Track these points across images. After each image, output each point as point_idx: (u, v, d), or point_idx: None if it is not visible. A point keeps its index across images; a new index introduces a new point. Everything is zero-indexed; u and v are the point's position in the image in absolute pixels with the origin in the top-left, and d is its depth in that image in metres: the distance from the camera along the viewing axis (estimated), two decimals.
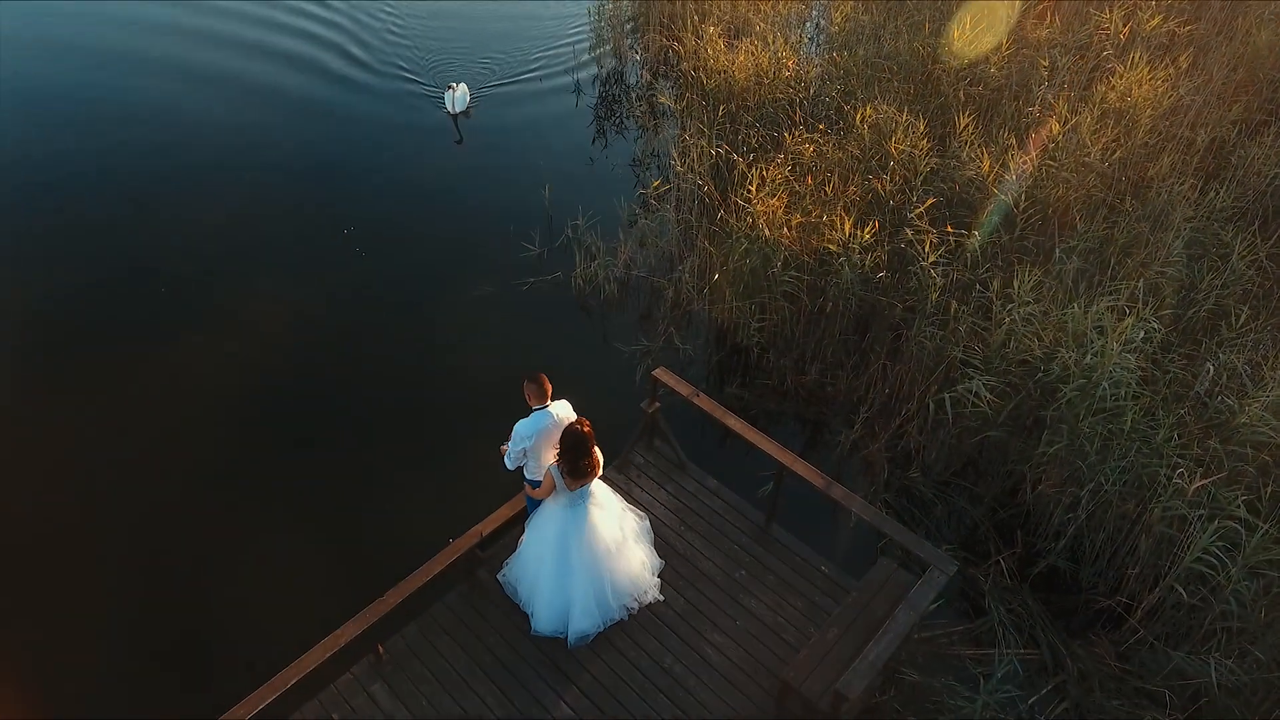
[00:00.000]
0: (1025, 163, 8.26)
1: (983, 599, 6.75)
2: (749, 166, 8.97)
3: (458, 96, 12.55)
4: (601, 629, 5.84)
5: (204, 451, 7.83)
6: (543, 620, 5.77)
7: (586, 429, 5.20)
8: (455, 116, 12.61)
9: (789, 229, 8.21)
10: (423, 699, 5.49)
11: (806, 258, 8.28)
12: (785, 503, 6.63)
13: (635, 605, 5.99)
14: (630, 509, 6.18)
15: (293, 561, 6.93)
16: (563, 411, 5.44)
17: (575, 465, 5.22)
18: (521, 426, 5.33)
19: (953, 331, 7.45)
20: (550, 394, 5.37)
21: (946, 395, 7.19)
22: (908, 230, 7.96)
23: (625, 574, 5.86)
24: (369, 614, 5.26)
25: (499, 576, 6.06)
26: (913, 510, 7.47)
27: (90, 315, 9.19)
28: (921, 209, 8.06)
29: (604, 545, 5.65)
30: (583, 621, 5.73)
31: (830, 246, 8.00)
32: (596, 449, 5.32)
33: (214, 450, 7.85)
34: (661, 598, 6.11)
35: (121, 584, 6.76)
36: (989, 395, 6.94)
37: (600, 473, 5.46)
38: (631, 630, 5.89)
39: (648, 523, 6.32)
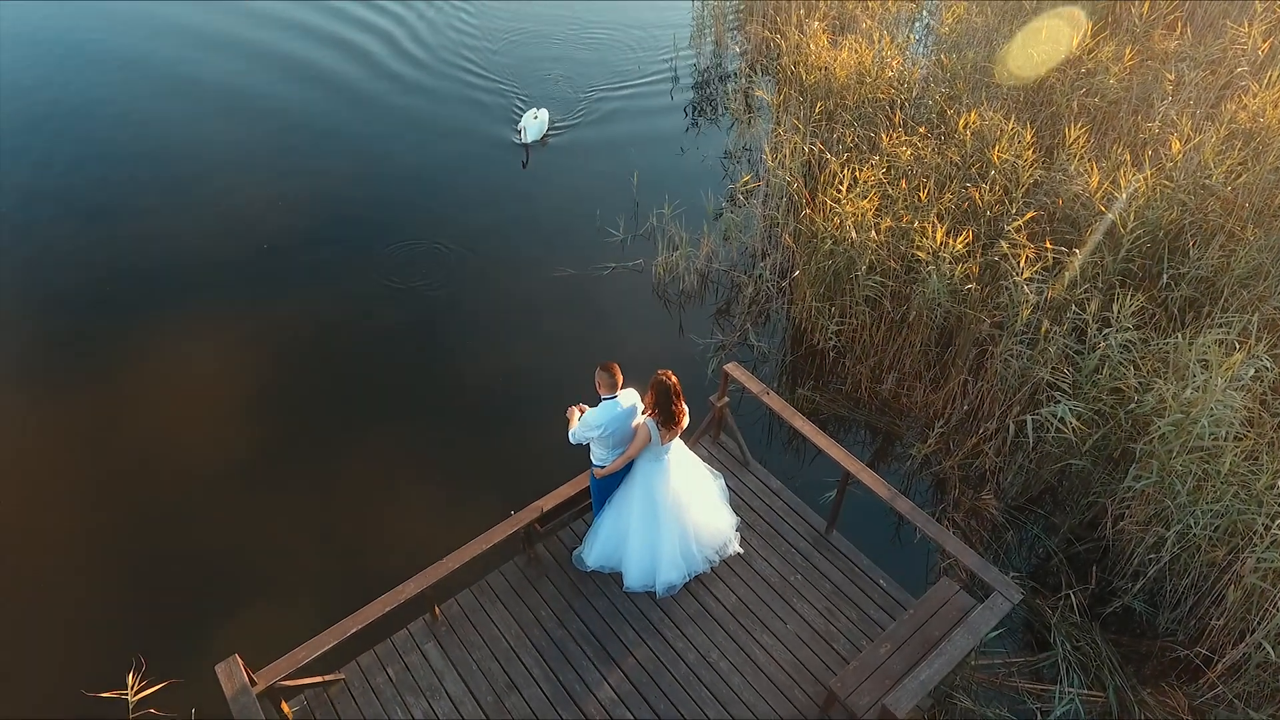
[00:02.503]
0: (1139, 181, 7.81)
1: (1048, 633, 6.47)
2: (842, 166, 8.77)
3: (533, 126, 11.67)
4: (687, 579, 6.04)
5: (285, 416, 8.20)
6: (633, 575, 5.95)
7: (673, 379, 5.32)
8: (527, 146, 11.79)
9: (877, 232, 8.01)
10: (472, 662, 5.64)
11: (893, 263, 8.06)
12: (848, 511, 6.50)
13: (717, 558, 6.16)
14: (706, 466, 6.26)
15: (363, 522, 7.22)
16: (631, 401, 5.47)
17: (668, 413, 5.33)
18: (591, 416, 5.38)
19: (1042, 352, 7.13)
20: (621, 384, 5.40)
21: (1029, 417, 6.90)
22: (1003, 243, 7.64)
23: (708, 525, 6.03)
24: (428, 574, 5.43)
25: (575, 556, 6.18)
26: (981, 533, 7.22)
27: (172, 289, 9.76)
28: (1020, 222, 7.73)
29: (687, 496, 5.81)
30: (670, 572, 5.91)
31: (919, 254, 7.76)
32: (683, 401, 5.42)
33: (294, 416, 8.21)
34: (741, 551, 6.26)
35: (205, 535, 7.18)
36: (1075, 422, 6.62)
37: (686, 424, 5.54)
38: (680, 621, 5.90)
39: (723, 481, 6.40)
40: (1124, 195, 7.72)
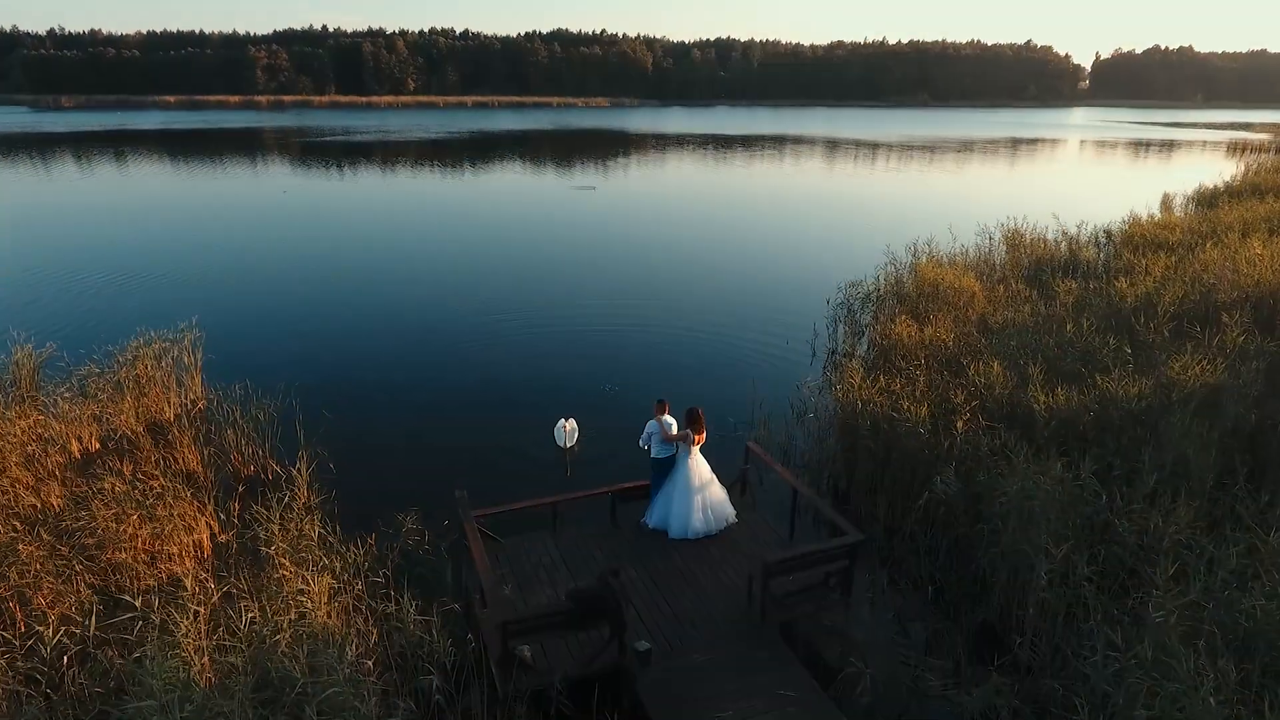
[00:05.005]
0: None
1: None
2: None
3: (567, 433, 13.69)
4: (705, 532, 10.51)
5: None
6: (674, 527, 10.57)
7: (699, 411, 10.54)
8: (566, 450, 13.78)
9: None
10: (578, 559, 10.43)
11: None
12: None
13: (724, 524, 10.64)
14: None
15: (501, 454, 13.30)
16: (671, 420, 10.90)
17: (693, 424, 10.41)
18: (651, 426, 10.97)
19: None
20: (668, 410, 10.96)
21: None
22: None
23: (718, 499, 10.70)
24: (560, 496, 10.97)
25: (641, 521, 11.07)
26: None
27: None
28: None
29: (705, 477, 10.66)
30: (697, 524, 10.53)
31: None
32: (703, 425, 10.58)
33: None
34: (736, 522, 10.75)
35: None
36: None
37: (704, 439, 10.61)
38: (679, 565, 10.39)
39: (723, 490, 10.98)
40: None
